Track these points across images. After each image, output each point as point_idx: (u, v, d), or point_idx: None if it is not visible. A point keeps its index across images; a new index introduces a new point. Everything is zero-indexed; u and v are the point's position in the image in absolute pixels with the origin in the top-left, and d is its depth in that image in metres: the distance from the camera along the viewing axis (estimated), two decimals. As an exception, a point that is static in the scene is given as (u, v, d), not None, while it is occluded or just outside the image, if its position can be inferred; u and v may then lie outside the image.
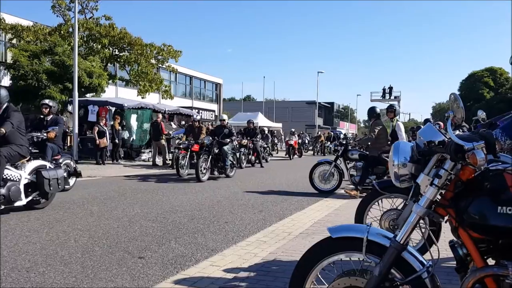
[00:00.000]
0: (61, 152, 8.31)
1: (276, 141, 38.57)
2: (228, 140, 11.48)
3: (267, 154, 20.54)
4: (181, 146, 11.90)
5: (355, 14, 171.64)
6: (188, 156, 11.58)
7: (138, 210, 6.51)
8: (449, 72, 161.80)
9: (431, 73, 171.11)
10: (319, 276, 2.11)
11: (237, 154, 13.89)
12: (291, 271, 2.16)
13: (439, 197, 1.98)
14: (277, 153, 33.50)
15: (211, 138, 11.28)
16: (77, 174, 8.26)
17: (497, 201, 1.79)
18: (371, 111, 8.85)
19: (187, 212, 6.47)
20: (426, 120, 8.72)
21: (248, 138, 16.62)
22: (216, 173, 11.29)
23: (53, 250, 4.26)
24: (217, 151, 11.14)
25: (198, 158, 10.79)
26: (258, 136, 16.94)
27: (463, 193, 1.92)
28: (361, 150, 9.79)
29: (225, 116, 12.94)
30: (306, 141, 28.02)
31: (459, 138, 1.82)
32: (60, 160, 8.03)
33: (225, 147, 11.22)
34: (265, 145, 20.51)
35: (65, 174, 6.95)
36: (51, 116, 8.35)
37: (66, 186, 7.42)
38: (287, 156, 24.54)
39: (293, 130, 27.45)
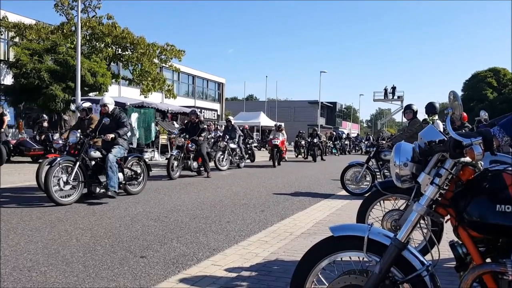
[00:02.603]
0: None
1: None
2: (111, 136, 7.19)
3: (237, 158, 15.29)
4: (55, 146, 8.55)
5: (358, 14, 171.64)
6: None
7: (140, 209, 6.52)
8: (453, 72, 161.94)
9: (435, 73, 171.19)
10: (320, 276, 2.12)
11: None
12: (293, 271, 2.16)
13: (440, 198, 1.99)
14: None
15: (78, 135, 7.08)
16: None
17: (496, 199, 1.82)
18: (407, 109, 8.45)
19: (189, 211, 6.48)
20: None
21: (187, 136, 11.48)
22: (96, 189, 7.14)
23: (54, 249, 4.28)
24: (95, 154, 7.20)
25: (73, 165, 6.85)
26: (203, 134, 11.46)
27: (462, 193, 1.94)
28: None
29: (106, 100, 7.66)
30: (315, 141, 21.77)
31: (458, 135, 1.87)
32: None
33: (110, 153, 7.14)
34: (240, 147, 15.49)
35: None
36: None
37: None
38: (270, 160, 16.86)
39: (278, 124, 19.08)
